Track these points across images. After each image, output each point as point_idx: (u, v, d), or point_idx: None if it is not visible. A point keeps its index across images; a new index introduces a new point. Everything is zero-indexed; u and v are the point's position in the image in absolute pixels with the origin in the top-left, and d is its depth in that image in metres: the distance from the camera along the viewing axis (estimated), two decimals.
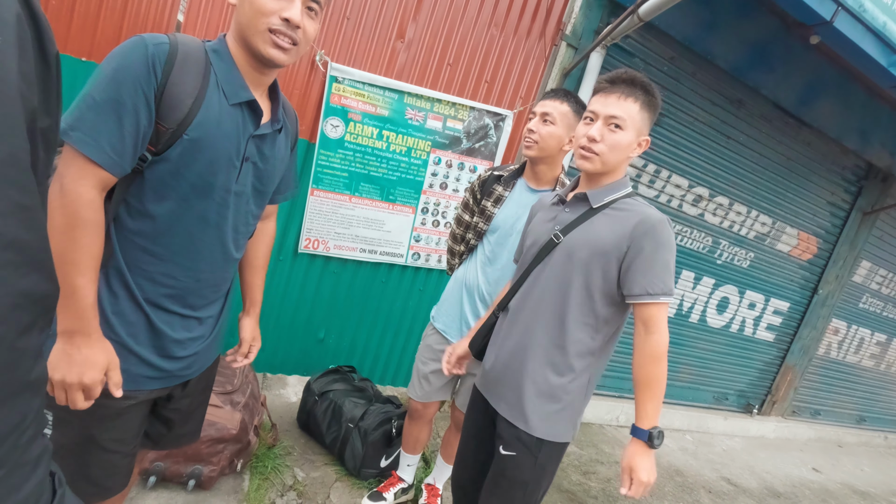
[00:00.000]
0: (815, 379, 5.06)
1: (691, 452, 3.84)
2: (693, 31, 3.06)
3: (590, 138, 1.26)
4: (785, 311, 4.55)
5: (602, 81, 1.29)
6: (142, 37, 0.90)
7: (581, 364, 1.31)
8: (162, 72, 0.89)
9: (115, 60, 0.87)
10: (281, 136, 1.12)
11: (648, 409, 1.22)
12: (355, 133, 2.58)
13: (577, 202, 1.35)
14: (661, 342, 1.22)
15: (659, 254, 1.21)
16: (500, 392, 1.40)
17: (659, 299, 1.21)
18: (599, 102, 1.27)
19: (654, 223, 1.22)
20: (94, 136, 0.85)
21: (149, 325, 1.01)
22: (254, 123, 1.02)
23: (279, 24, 0.93)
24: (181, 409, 1.20)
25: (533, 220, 1.49)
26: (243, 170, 1.02)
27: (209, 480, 1.86)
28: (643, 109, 1.26)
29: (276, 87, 1.10)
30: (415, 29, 2.57)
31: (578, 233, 1.30)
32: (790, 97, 3.58)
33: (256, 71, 1.01)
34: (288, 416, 2.55)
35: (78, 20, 2.08)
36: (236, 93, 0.98)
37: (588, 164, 1.29)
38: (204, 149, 0.95)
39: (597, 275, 1.26)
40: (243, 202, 1.06)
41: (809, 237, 4.37)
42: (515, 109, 2.87)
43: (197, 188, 0.96)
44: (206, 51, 0.97)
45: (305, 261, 2.71)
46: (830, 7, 2.48)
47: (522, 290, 1.40)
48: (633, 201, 1.30)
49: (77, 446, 1.00)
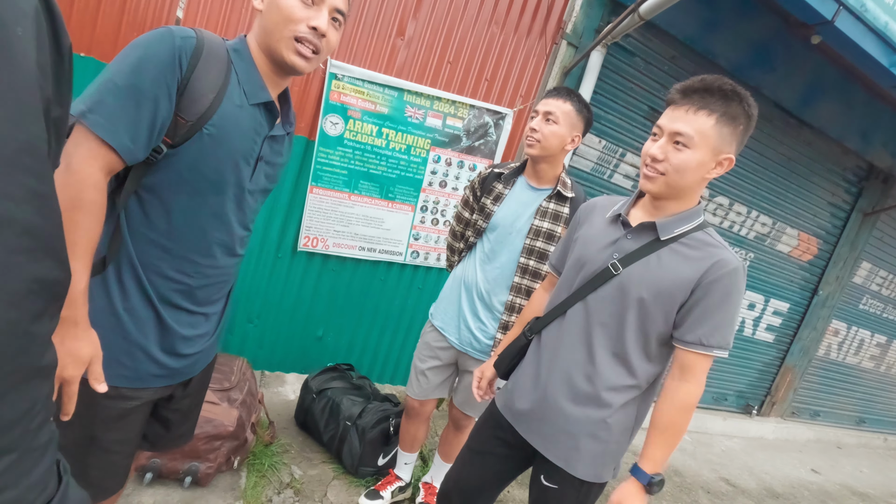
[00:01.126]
0: (815, 380, 5.05)
1: (690, 453, 3.84)
2: (694, 30, 3.05)
3: (652, 157, 1.12)
4: (785, 312, 4.54)
5: (674, 91, 1.13)
6: (169, 28, 0.90)
7: (630, 404, 1.24)
8: (188, 65, 0.89)
9: (140, 48, 0.87)
10: (287, 141, 1.15)
11: (658, 454, 1.16)
12: (355, 130, 2.57)
13: (643, 230, 1.20)
14: (695, 394, 1.15)
15: (727, 304, 1.11)
16: (540, 429, 1.30)
17: (712, 352, 1.13)
18: (667, 116, 1.12)
19: (731, 270, 1.10)
20: (112, 119, 0.84)
21: (158, 321, 1.01)
22: (269, 124, 1.03)
23: (306, 32, 0.94)
24: (181, 409, 1.20)
25: (584, 234, 1.32)
26: (257, 169, 1.03)
27: (206, 477, 1.86)
28: (721, 123, 1.07)
29: (287, 91, 1.12)
30: (415, 26, 2.57)
31: (641, 268, 1.17)
32: (791, 97, 3.57)
33: (275, 75, 1.02)
34: (286, 413, 2.55)
35: (77, 15, 2.08)
36: (256, 93, 0.98)
37: (650, 185, 1.14)
38: (222, 145, 0.95)
39: (658, 317, 1.15)
40: (253, 200, 1.08)
41: (810, 238, 4.36)
42: (515, 108, 2.86)
43: (213, 184, 0.97)
44: (227, 49, 0.97)
45: (304, 259, 2.71)
46: (832, 6, 2.47)
47: (568, 319, 1.27)
48: (707, 236, 1.17)
49: (78, 447, 0.99)
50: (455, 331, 1.86)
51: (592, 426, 1.24)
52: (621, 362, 1.22)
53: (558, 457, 1.27)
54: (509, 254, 1.76)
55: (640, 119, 3.24)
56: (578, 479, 1.26)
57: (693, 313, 1.13)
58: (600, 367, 1.22)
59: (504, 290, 1.78)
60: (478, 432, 1.48)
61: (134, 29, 2.16)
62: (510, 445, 1.38)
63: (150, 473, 1.78)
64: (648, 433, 1.20)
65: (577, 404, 1.24)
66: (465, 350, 1.84)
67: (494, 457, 1.42)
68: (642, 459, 1.18)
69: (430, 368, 1.92)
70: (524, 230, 1.73)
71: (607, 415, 1.23)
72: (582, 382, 1.24)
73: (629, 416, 1.26)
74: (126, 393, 1.00)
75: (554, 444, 1.28)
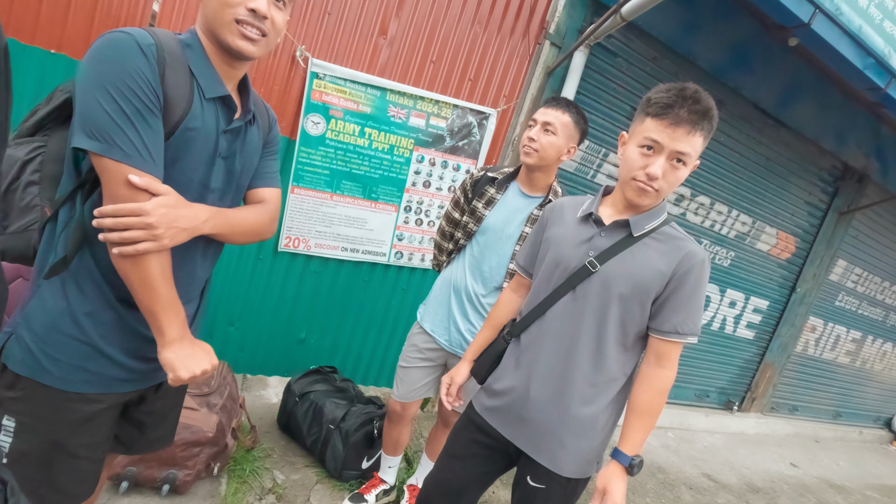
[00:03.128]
0: (794, 376, 5.16)
1: (673, 449, 3.88)
2: (675, 31, 3.08)
3: (651, 176, 1.12)
4: (764, 310, 4.62)
5: (665, 107, 1.10)
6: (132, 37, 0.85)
7: (612, 399, 1.27)
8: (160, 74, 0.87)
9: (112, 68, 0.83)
10: (253, 130, 1.09)
11: (637, 437, 1.20)
12: (337, 130, 2.54)
13: (616, 228, 1.23)
14: (670, 378, 1.21)
15: (697, 293, 1.18)
16: (525, 431, 1.30)
17: (686, 339, 1.19)
18: (665, 134, 1.10)
19: (700, 261, 1.17)
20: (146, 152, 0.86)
21: (121, 324, 0.97)
22: (227, 119, 1.00)
23: (245, 14, 0.91)
24: (154, 412, 1.17)
25: (556, 233, 1.33)
26: (217, 167, 1.00)
27: (184, 485, 1.82)
28: (705, 140, 1.14)
29: (247, 81, 1.08)
30: (397, 25, 2.54)
31: (617, 263, 1.20)
32: (769, 98, 3.63)
33: (227, 65, 0.99)
34: (268, 417, 2.51)
35: (47, 10, 2.01)
36: (212, 87, 0.95)
37: (644, 199, 1.17)
38: (189, 146, 0.93)
39: (636, 310, 1.20)
40: (217, 199, 1.04)
41: (788, 237, 4.44)
42: (499, 108, 2.86)
43: (177, 185, 0.93)
44: (180, 45, 0.94)
45: (286, 260, 2.67)
46: (808, 9, 2.52)
47: (548, 319, 1.29)
48: (672, 230, 1.23)
49: (43, 453, 0.95)
50: (445, 332, 1.85)
51: (577, 424, 1.25)
52: (602, 358, 1.24)
53: (545, 457, 1.28)
54: (499, 258, 1.77)
55: (623, 119, 3.26)
56: (565, 477, 1.27)
57: (668, 304, 1.18)
58: (582, 365, 1.24)
59: (493, 293, 1.79)
60: (456, 437, 1.47)
61: (107, 25, 2.10)
62: (491, 448, 1.38)
63: (125, 482, 1.74)
64: (627, 418, 1.23)
65: (560, 404, 1.25)
66: (454, 351, 1.83)
67: (475, 460, 1.42)
68: (622, 443, 1.21)
69: (417, 368, 1.91)
70: (514, 236, 1.75)
71: (591, 412, 1.25)
72: (565, 381, 1.25)
73: (612, 411, 1.29)
74: (91, 397, 0.97)
75: (540, 445, 1.28)
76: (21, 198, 0.95)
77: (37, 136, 1.00)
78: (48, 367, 0.92)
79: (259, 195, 1.16)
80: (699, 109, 1.09)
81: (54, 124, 0.99)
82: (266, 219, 1.14)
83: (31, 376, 0.92)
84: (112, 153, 0.83)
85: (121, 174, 0.84)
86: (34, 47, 2.02)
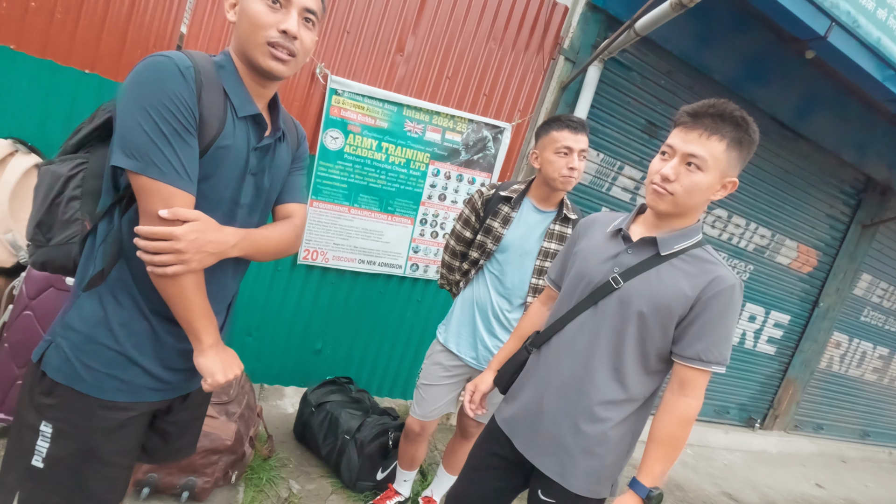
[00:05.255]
0: (818, 393, 5.01)
1: (691, 467, 3.80)
2: (689, 45, 3.10)
3: (663, 177, 1.13)
4: (785, 324, 4.53)
5: (684, 114, 1.14)
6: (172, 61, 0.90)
7: (625, 419, 1.24)
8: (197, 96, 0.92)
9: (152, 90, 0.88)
10: (282, 147, 1.13)
11: (657, 468, 1.16)
12: (354, 145, 2.60)
13: (643, 245, 1.22)
14: (694, 408, 1.16)
15: (724, 321, 1.13)
16: (536, 443, 1.29)
17: (710, 367, 1.15)
18: (679, 137, 1.13)
19: (728, 287, 1.12)
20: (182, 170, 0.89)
21: (153, 335, 1.00)
22: (257, 136, 1.04)
23: (277, 36, 0.95)
24: (179, 422, 1.20)
25: (584, 248, 1.33)
26: (246, 183, 1.04)
27: (203, 492, 1.85)
28: (731, 148, 1.10)
29: (276, 100, 1.12)
30: (414, 42, 2.61)
31: (641, 282, 1.18)
32: (787, 110, 3.60)
33: (258, 84, 1.03)
34: (284, 427, 2.54)
35: (82, 32, 2.11)
36: (244, 106, 1.00)
37: (658, 202, 1.16)
38: (221, 164, 0.97)
39: (656, 331, 1.17)
40: (246, 214, 1.07)
41: (809, 250, 4.36)
42: (514, 122, 2.89)
43: (208, 200, 0.97)
44: (214, 67, 0.99)
45: (303, 271, 2.72)
46: (824, 22, 2.51)
47: (567, 332, 1.28)
48: (705, 253, 1.19)
49: (76, 459, 0.98)
50: (471, 350, 1.87)
51: (588, 440, 1.23)
52: (619, 377, 1.22)
53: (553, 471, 1.26)
54: (521, 275, 1.80)
55: (638, 133, 3.27)
56: (574, 493, 1.25)
57: (691, 329, 1.14)
58: (598, 382, 1.22)
59: (517, 309, 1.82)
60: (477, 449, 1.48)
61: (138, 46, 2.19)
62: (509, 461, 1.37)
63: (146, 488, 1.77)
64: (647, 446, 1.19)
65: (573, 418, 1.24)
66: (481, 368, 1.86)
67: (493, 472, 1.41)
68: (641, 473, 1.17)
69: (441, 386, 1.92)
70: (534, 252, 1.78)
71: (603, 429, 1.23)
72: (579, 397, 1.24)
73: (625, 431, 1.26)
74: (122, 405, 1.00)
75: (549, 458, 1.27)
76: (64, 212, 1.00)
77: (79, 154, 1.04)
78: (83, 375, 0.96)
79: (286, 210, 1.20)
80: (716, 112, 1.09)
81: (96, 142, 1.04)
82: (291, 236, 1.16)
83: (67, 383, 0.96)
84: (149, 171, 0.87)
85: (156, 192, 0.88)
86: (69, 67, 2.12)
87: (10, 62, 2.05)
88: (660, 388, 1.28)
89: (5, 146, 1.91)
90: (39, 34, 2.06)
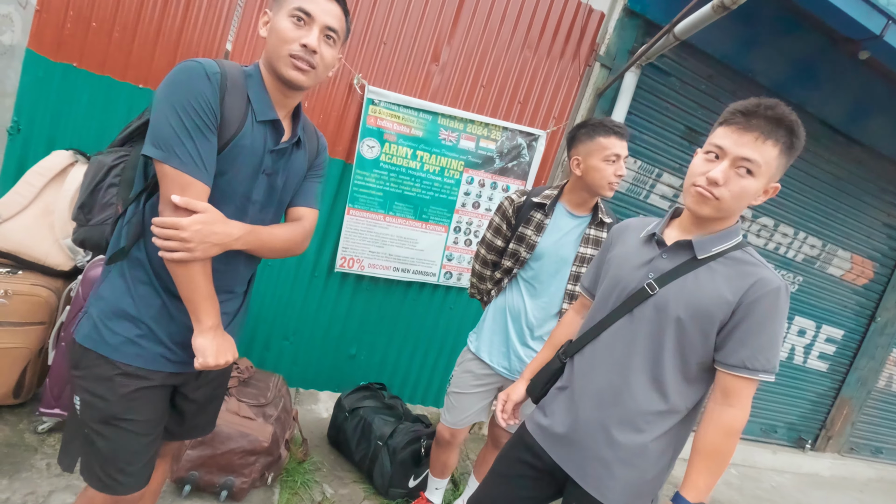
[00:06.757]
0: (876, 413, 4.69)
1: (736, 487, 3.62)
2: (732, 48, 3.00)
3: (711, 180, 1.06)
4: (839, 340, 4.27)
5: (736, 113, 1.06)
6: (202, 65, 1.00)
7: (666, 431, 1.19)
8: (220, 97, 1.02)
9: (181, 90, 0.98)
10: (300, 153, 1.21)
11: (702, 481, 1.10)
12: (390, 153, 2.64)
13: (679, 249, 1.17)
14: (741, 419, 1.11)
15: (770, 325, 1.07)
16: (573, 455, 1.26)
17: (757, 375, 1.08)
18: (730, 138, 1.05)
19: (773, 290, 1.06)
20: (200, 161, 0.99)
21: (165, 311, 1.09)
22: (274, 140, 1.13)
23: (299, 50, 1.06)
24: (196, 400, 1.26)
25: (618, 254, 1.30)
26: (259, 181, 1.12)
27: (241, 492, 1.89)
28: (782, 154, 1.05)
29: (299, 109, 1.21)
30: (449, 52, 2.64)
31: (677, 287, 1.13)
32: (838, 114, 3.43)
33: (281, 93, 1.12)
34: (318, 431, 2.57)
35: (137, 50, 2.24)
36: (264, 111, 1.09)
37: (702, 206, 1.09)
38: (237, 161, 1.06)
39: (696, 338, 1.11)
40: (258, 211, 1.15)
41: (864, 261, 4.12)
42: (548, 129, 2.87)
43: (223, 194, 1.07)
44: (244, 75, 1.09)
45: (339, 279, 2.76)
46: (880, 21, 2.39)
47: (602, 341, 1.25)
48: (745, 255, 1.13)
49: (101, 426, 1.07)
50: (504, 360, 1.85)
51: (627, 453, 1.19)
52: (658, 387, 1.17)
53: (591, 484, 1.22)
54: (558, 282, 1.77)
55: (677, 139, 3.18)
56: None
57: (734, 335, 1.09)
58: (636, 392, 1.18)
59: (553, 318, 1.79)
60: (505, 455, 1.44)
61: None
62: (539, 470, 1.34)
63: (188, 486, 1.83)
64: (691, 459, 1.14)
65: (611, 430, 1.20)
66: (513, 378, 1.83)
67: (522, 481, 1.38)
68: (685, 487, 1.12)
69: (472, 394, 1.90)
70: (570, 258, 1.75)
71: (643, 441, 1.18)
72: (616, 407, 1.20)
73: (666, 444, 1.21)
74: (141, 373, 1.08)
75: (587, 471, 1.23)
76: (103, 196, 1.14)
77: (125, 147, 1.18)
78: (107, 339, 1.05)
79: (298, 213, 1.27)
80: (772, 115, 1.03)
81: (138, 137, 1.16)
82: (298, 237, 1.24)
83: (93, 347, 1.05)
84: (171, 161, 0.96)
85: (175, 179, 0.97)
86: (125, 83, 2.25)
87: (72, 79, 2.19)
88: (703, 400, 1.22)
89: (67, 157, 2.03)
90: (99, 52, 2.20)
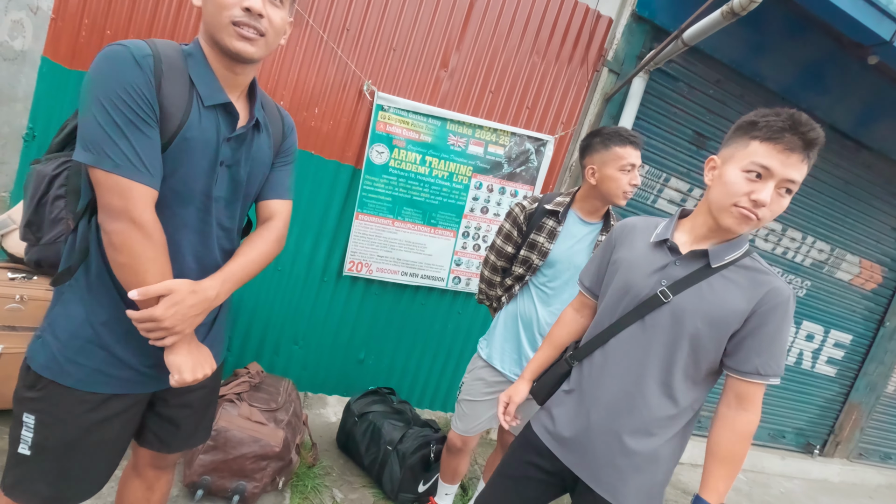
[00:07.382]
0: (885, 419, 4.66)
1: (745, 493, 3.60)
2: (740, 53, 3.00)
3: (758, 203, 1.04)
4: (847, 345, 4.25)
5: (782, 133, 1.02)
6: (128, 49, 0.87)
7: (676, 433, 1.22)
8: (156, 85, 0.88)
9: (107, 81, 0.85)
10: (262, 137, 1.08)
11: (721, 485, 1.14)
12: (399, 159, 2.65)
13: (693, 257, 1.17)
14: (753, 422, 1.14)
15: (781, 333, 1.11)
16: (586, 460, 1.26)
17: (768, 380, 1.12)
18: (777, 159, 1.03)
19: (785, 299, 1.10)
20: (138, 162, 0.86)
21: (133, 333, 0.97)
22: (229, 127, 1.00)
23: (241, 15, 0.92)
24: (190, 405, 1.18)
25: (626, 257, 1.28)
26: (219, 176, 1.00)
27: (252, 497, 1.90)
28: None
29: (255, 87, 1.08)
30: (458, 58, 2.65)
31: (692, 296, 1.14)
32: (847, 118, 3.42)
33: (229, 70, 0.99)
34: (327, 435, 2.58)
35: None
36: (212, 95, 0.96)
37: (744, 226, 1.08)
38: (187, 155, 0.94)
39: (710, 346, 1.13)
40: (223, 208, 1.04)
41: (873, 265, 4.10)
42: (556, 134, 2.88)
43: (179, 195, 0.95)
44: (182, 55, 0.95)
45: (348, 283, 2.78)
46: (890, 27, 2.39)
47: (612, 347, 1.25)
48: (755, 262, 1.15)
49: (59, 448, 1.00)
50: (516, 366, 1.85)
51: (638, 458, 1.20)
52: (669, 392, 1.18)
53: (605, 489, 1.23)
54: (570, 289, 1.78)
55: (685, 144, 3.18)
56: None
57: (748, 343, 1.11)
58: (649, 399, 1.19)
59: None
60: (511, 456, 1.44)
61: None
62: (547, 472, 1.35)
63: (200, 490, 1.84)
64: (709, 464, 1.16)
65: (624, 438, 1.21)
66: None
67: (529, 483, 1.39)
68: (706, 490, 1.14)
69: (484, 402, 1.90)
70: (582, 265, 1.76)
71: (653, 446, 1.20)
72: (630, 414, 1.21)
73: (676, 446, 1.23)
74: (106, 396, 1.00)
75: (600, 476, 1.24)
76: (50, 211, 1.01)
77: (64, 152, 1.03)
78: (69, 370, 0.96)
79: (269, 207, 1.15)
80: (814, 137, 1.03)
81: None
82: (272, 247, 1.13)
83: (54, 379, 0.96)
84: (102, 163, 0.84)
85: (112, 185, 0.85)
86: None
87: None
88: (704, 399, 1.24)
89: None
90: None
